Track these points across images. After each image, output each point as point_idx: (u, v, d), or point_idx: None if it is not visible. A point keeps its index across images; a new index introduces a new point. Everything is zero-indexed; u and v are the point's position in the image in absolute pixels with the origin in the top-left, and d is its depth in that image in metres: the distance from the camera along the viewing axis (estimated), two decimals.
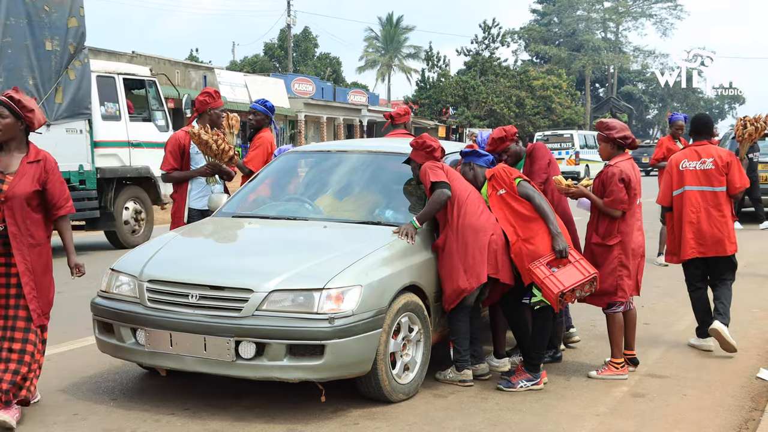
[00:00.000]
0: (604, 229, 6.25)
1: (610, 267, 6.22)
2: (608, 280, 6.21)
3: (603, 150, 6.42)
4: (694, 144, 7.18)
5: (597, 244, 6.27)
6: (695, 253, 7.03)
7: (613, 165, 6.24)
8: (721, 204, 6.97)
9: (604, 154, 6.43)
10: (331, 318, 5.08)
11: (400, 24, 73.83)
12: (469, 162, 6.30)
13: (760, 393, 5.88)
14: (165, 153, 7.50)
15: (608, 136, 6.32)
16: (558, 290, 5.73)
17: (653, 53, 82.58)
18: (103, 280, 5.83)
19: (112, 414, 5.40)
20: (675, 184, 7.09)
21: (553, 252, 5.85)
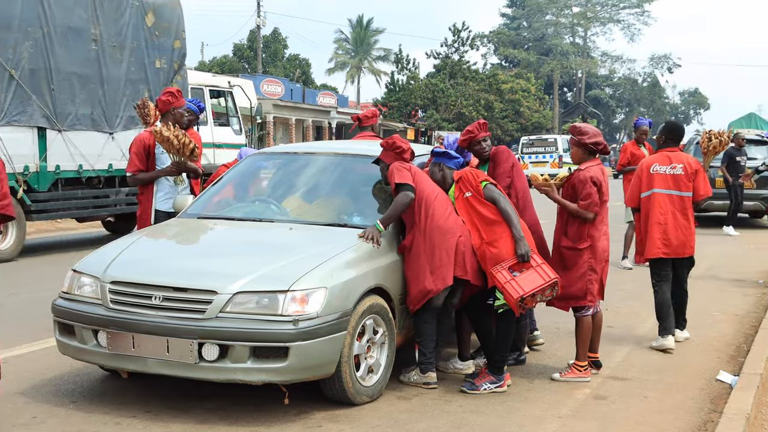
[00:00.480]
0: (574, 232, 6.30)
1: (580, 271, 6.27)
2: (578, 284, 6.27)
3: (575, 154, 6.46)
4: (666, 149, 7.39)
5: (568, 247, 6.31)
6: (660, 254, 7.28)
7: (584, 170, 6.31)
8: (686, 208, 7.25)
9: (575, 158, 6.47)
10: (295, 320, 5.07)
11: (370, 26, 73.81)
12: (439, 163, 6.31)
13: (720, 395, 5.96)
14: (130, 155, 7.45)
15: (581, 141, 6.35)
16: (518, 295, 5.76)
17: (621, 58, 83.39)
18: (65, 281, 5.77)
19: (72, 417, 5.34)
20: (644, 186, 7.33)
21: (516, 256, 5.88)
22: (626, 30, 79.65)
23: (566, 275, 6.24)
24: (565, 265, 6.29)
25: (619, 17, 78.96)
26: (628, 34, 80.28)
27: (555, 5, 76.51)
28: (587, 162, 6.39)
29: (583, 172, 6.30)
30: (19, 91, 11.46)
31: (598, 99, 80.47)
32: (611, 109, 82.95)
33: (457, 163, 6.31)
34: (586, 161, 6.40)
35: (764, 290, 10.11)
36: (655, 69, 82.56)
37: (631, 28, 79.14)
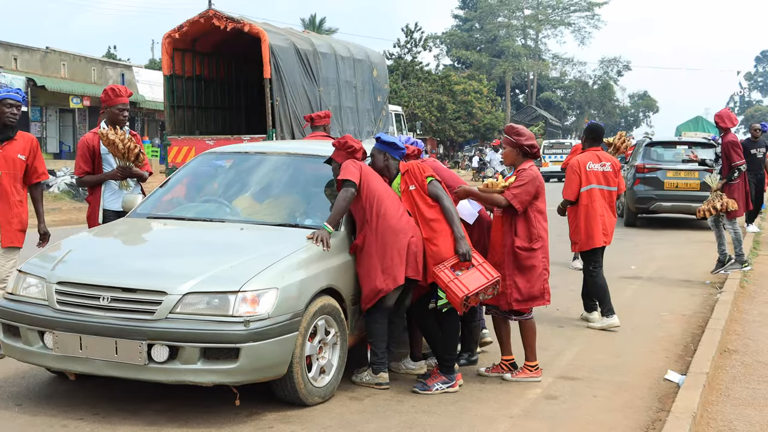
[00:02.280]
0: (526, 233, 6.25)
1: (537, 271, 6.27)
2: (537, 284, 6.28)
3: (508, 155, 6.39)
4: (592, 149, 8.30)
5: (523, 248, 6.21)
6: (602, 242, 8.16)
7: (528, 168, 6.30)
8: (613, 201, 8.27)
9: (508, 159, 6.41)
10: (246, 321, 5.03)
11: (323, 26, 73.59)
12: (384, 152, 6.29)
13: (668, 394, 6.04)
14: (76, 158, 7.33)
15: (517, 142, 6.30)
16: (462, 294, 5.79)
17: (571, 61, 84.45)
18: (10, 281, 5.65)
19: (16, 419, 5.23)
20: (583, 182, 8.14)
21: (457, 255, 5.91)
22: (577, 33, 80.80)
23: (524, 276, 6.23)
24: (521, 265, 6.23)
25: (569, 20, 80.00)
26: (578, 37, 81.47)
27: (507, 7, 77.23)
28: (524, 163, 6.34)
29: (530, 170, 6.28)
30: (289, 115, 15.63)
31: (549, 101, 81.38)
32: (562, 111, 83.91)
33: (401, 155, 6.30)
34: (521, 163, 6.35)
35: (711, 290, 10.28)
36: (606, 72, 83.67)
37: (581, 31, 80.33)
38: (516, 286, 6.22)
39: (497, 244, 6.33)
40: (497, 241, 6.33)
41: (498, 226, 6.34)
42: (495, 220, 6.40)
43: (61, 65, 35.21)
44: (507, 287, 6.19)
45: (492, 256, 6.29)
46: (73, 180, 22.93)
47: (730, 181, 10.85)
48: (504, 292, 6.18)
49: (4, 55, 32.15)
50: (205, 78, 16.30)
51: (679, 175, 17.47)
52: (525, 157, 6.34)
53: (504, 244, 6.27)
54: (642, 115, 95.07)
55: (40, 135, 33.91)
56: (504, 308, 6.28)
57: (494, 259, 6.25)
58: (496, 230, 6.38)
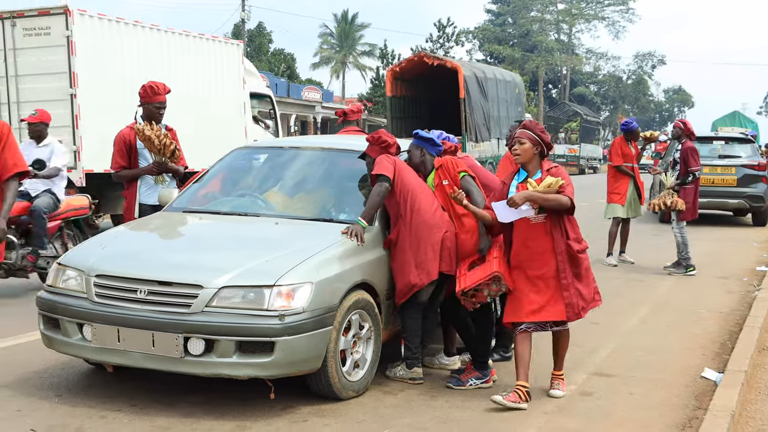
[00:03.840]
0: (575, 234, 5.74)
1: (590, 273, 5.86)
2: (592, 285, 5.85)
3: (528, 152, 5.69)
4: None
5: (580, 251, 5.71)
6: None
7: (558, 167, 5.80)
8: None
9: (526, 156, 5.70)
10: (281, 315, 5.05)
11: (355, 21, 73.71)
12: (421, 147, 6.30)
13: (705, 392, 5.98)
14: (113, 152, 7.41)
15: (542, 140, 5.72)
16: (459, 288, 5.79)
17: (605, 55, 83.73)
18: (50, 274, 5.73)
19: (56, 410, 5.30)
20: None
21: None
22: (611, 27, 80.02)
23: (582, 282, 5.73)
24: (579, 269, 5.71)
25: (603, 14, 79.26)
26: (612, 31, 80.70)
27: (540, 2, 76.72)
28: (543, 163, 5.78)
29: (561, 169, 5.79)
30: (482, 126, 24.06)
31: (582, 96, 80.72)
32: (596, 106, 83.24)
33: (437, 151, 6.32)
34: (538, 164, 5.75)
35: (749, 288, 10.17)
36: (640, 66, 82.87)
37: (615, 25, 79.51)
38: (579, 293, 5.67)
39: (548, 252, 5.62)
40: (546, 248, 5.62)
41: (541, 232, 5.62)
42: (533, 227, 5.63)
43: None
44: (570, 297, 5.61)
45: (540, 266, 5.63)
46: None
47: (685, 185, 11.10)
48: (570, 303, 5.61)
49: None
50: (411, 97, 24.51)
51: (715, 171, 17.29)
52: (541, 158, 5.75)
53: (558, 251, 5.61)
54: (677, 110, 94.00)
55: None
56: (572, 320, 5.71)
57: (544, 269, 5.62)
58: (538, 237, 5.63)
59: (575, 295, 5.64)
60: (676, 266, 11.22)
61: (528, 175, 5.71)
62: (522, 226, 5.65)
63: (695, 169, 11.12)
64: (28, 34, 14.15)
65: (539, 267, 5.62)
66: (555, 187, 5.49)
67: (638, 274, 11.10)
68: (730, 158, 17.61)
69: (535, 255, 5.63)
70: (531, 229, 5.63)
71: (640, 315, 8.57)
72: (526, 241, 5.65)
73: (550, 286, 5.62)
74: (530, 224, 5.61)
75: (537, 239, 5.63)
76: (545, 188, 5.49)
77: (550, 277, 5.62)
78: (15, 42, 14.09)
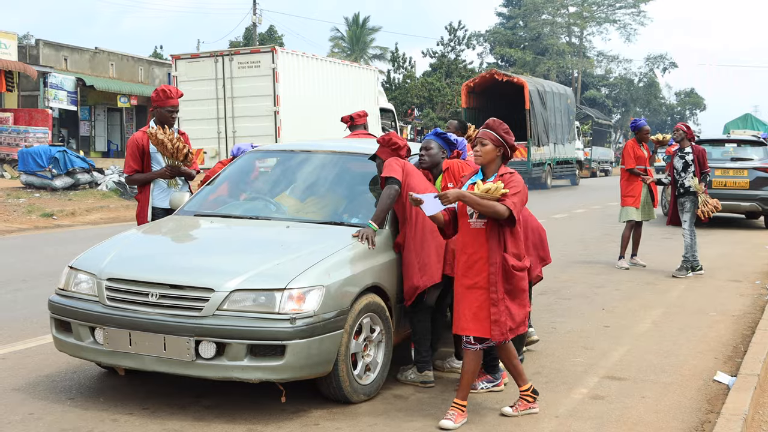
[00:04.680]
0: (516, 250, 5.29)
1: (526, 295, 5.39)
2: (525, 309, 5.39)
3: (489, 153, 5.28)
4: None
5: (517, 268, 5.25)
6: None
7: (515, 173, 5.36)
8: None
9: (487, 158, 5.29)
10: (292, 318, 5.06)
11: (366, 24, 73.73)
12: (441, 145, 6.31)
13: (717, 396, 5.96)
14: (126, 156, 7.45)
15: (506, 141, 5.31)
16: None
17: (617, 58, 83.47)
18: (62, 277, 5.75)
19: (68, 413, 5.32)
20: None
21: None
22: (622, 30, 79.73)
23: (515, 301, 5.26)
24: (515, 288, 5.24)
25: (615, 17, 79.03)
26: (624, 34, 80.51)
27: (551, 5, 76.52)
28: (502, 167, 5.36)
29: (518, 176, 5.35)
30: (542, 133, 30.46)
31: (594, 99, 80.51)
32: (607, 108, 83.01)
33: (450, 148, 6.33)
34: (500, 166, 5.35)
35: (761, 291, 10.12)
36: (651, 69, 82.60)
37: (627, 28, 79.23)
38: (509, 312, 5.19)
39: (482, 260, 5.19)
40: (482, 256, 5.19)
41: (480, 239, 5.21)
42: (473, 232, 5.23)
43: (109, 65, 35.74)
44: (500, 314, 5.15)
45: (473, 275, 5.21)
46: (120, 178, 23.26)
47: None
48: (498, 320, 5.14)
49: (54, 55, 32.72)
50: (481, 108, 30.93)
51: (727, 174, 17.22)
52: (503, 160, 5.36)
53: (492, 262, 5.18)
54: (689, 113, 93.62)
55: (89, 134, 34.47)
56: (497, 339, 5.20)
57: (476, 278, 5.20)
58: (475, 243, 5.22)
59: (504, 313, 5.16)
60: (680, 269, 11.16)
61: (485, 177, 5.35)
62: (463, 230, 5.30)
63: (708, 171, 11.15)
64: (242, 66, 20.15)
65: (473, 276, 5.21)
66: (495, 194, 5.06)
67: (650, 277, 11.05)
68: (743, 161, 17.53)
69: (470, 262, 5.23)
70: (470, 234, 5.25)
71: (652, 318, 8.53)
72: (465, 246, 5.28)
73: (479, 298, 5.19)
74: (470, 228, 5.24)
75: (474, 245, 5.21)
76: (483, 193, 5.08)
77: (481, 289, 5.18)
78: (232, 72, 20.21)
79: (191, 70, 21.06)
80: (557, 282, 10.27)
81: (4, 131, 26.92)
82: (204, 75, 20.75)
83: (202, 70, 20.90)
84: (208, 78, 20.65)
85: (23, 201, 20.31)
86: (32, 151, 22.53)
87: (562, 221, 19.22)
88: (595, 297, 9.63)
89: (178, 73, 21.26)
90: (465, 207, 5.24)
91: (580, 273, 11.27)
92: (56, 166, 22.27)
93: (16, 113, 28.33)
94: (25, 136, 26.46)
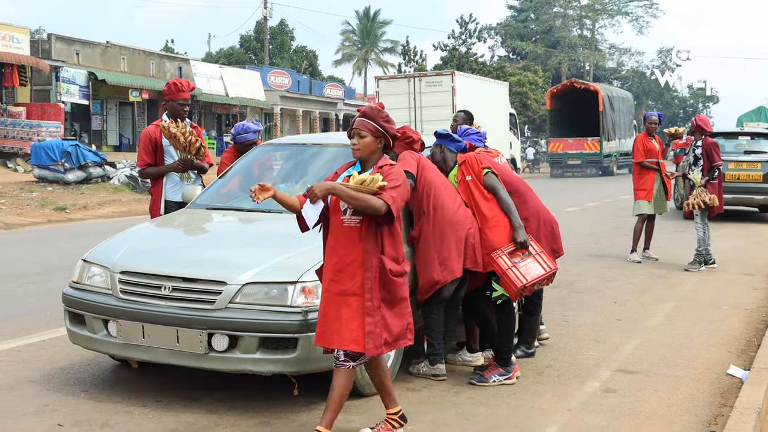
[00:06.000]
0: (394, 252, 4.67)
1: (406, 303, 4.76)
2: (405, 319, 4.74)
3: (369, 145, 4.68)
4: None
5: (396, 273, 4.62)
6: None
7: (396, 165, 4.77)
8: None
9: (367, 150, 4.69)
10: (304, 311, 5.07)
11: (377, 18, 73.70)
12: (440, 144, 6.31)
13: (730, 389, 5.94)
14: (138, 150, 7.47)
15: (386, 131, 4.71)
16: (520, 284, 5.77)
17: (629, 51, 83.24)
18: (75, 270, 5.77)
19: (82, 405, 5.35)
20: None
21: (514, 243, 5.89)
22: (634, 22, 79.51)
23: (393, 311, 4.63)
24: (393, 296, 4.60)
25: (627, 9, 78.74)
26: (636, 26, 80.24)
27: None
28: (382, 159, 4.75)
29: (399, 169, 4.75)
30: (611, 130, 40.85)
31: None
32: None
33: (458, 147, 6.31)
34: (379, 158, 4.74)
35: None
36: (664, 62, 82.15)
37: (639, 20, 78.97)
38: (386, 323, 4.54)
39: (356, 263, 4.53)
40: (355, 258, 4.54)
41: (353, 238, 4.55)
42: (345, 231, 4.58)
43: (120, 59, 35.82)
44: (374, 325, 4.50)
45: (345, 280, 4.55)
46: (132, 172, 23.35)
47: (711, 180, 11.03)
48: (372, 332, 4.49)
49: (66, 49, 32.81)
50: (560, 110, 40.11)
51: (740, 167, 17.13)
52: (383, 152, 4.77)
53: (368, 266, 4.52)
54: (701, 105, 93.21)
55: (101, 128, 34.58)
56: (371, 353, 4.54)
57: (348, 284, 4.54)
58: (348, 243, 4.56)
59: (380, 324, 4.52)
60: (693, 263, 11.13)
61: (363, 172, 4.69)
62: (334, 227, 4.63)
63: (719, 164, 11.06)
64: (428, 84, 28.39)
65: (344, 281, 4.55)
66: (372, 186, 4.44)
67: (662, 271, 11.02)
68: (756, 154, 17.43)
69: (341, 265, 4.56)
70: (343, 233, 4.58)
71: (665, 311, 8.51)
72: (335, 247, 4.61)
73: (351, 306, 4.54)
74: (343, 226, 4.58)
75: (346, 246, 4.55)
76: (357, 184, 4.46)
77: (353, 296, 4.53)
78: (421, 89, 28.35)
79: (390, 87, 29.15)
80: (569, 275, 10.26)
81: (17, 125, 27.04)
82: (399, 91, 28.64)
83: (398, 87, 28.96)
84: (402, 93, 28.51)
85: (36, 195, 20.40)
86: (45, 145, 22.65)
87: (574, 214, 19.17)
88: (607, 290, 9.61)
89: (380, 89, 29.25)
90: (338, 202, 4.57)
91: (592, 266, 11.25)
92: (69, 160, 22.38)
93: (28, 107, 28.46)
94: (38, 130, 26.57)
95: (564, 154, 40.69)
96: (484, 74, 52.41)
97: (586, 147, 39.69)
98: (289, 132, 45.41)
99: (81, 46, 33.94)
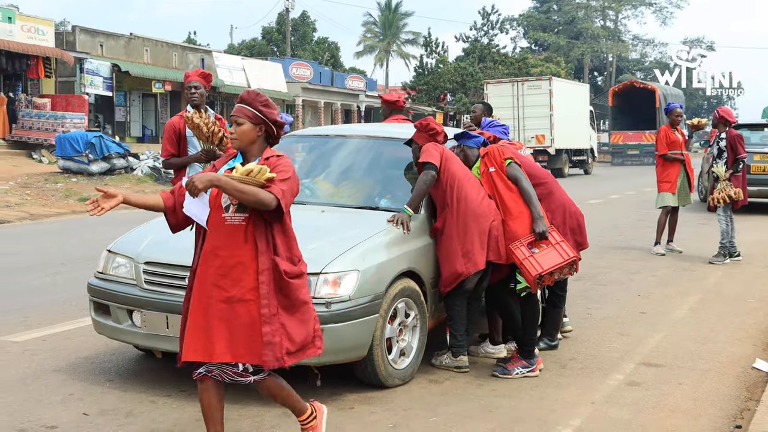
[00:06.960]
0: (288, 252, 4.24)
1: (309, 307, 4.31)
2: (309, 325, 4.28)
3: (248, 134, 4.15)
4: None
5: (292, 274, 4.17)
6: None
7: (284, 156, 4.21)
8: None
9: (246, 139, 4.15)
10: (327, 303, 5.07)
11: (398, 9, 73.55)
12: (460, 144, 6.32)
13: (756, 383, 5.89)
14: (162, 140, 7.50)
15: (267, 116, 4.15)
16: (536, 272, 5.77)
17: (652, 42, 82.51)
18: (100, 261, 5.81)
19: (107, 395, 5.40)
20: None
21: (533, 233, 5.87)
22: (658, 13, 78.80)
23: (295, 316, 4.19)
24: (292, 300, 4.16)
25: (651, 0, 78.04)
26: (660, 17, 79.49)
27: None
28: (267, 150, 4.24)
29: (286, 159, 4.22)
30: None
31: None
32: None
33: (477, 142, 6.30)
34: (264, 148, 4.23)
35: None
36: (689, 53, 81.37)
37: (663, 11, 78.25)
38: (286, 332, 4.09)
39: (243, 265, 4.05)
40: (242, 260, 4.05)
41: (238, 238, 4.06)
42: (229, 229, 4.07)
43: (144, 51, 35.96)
44: (273, 334, 4.03)
45: (231, 285, 4.05)
46: (156, 163, 23.46)
47: (736, 173, 10.95)
48: (271, 342, 4.02)
49: (90, 41, 32.98)
50: (620, 106, 44.52)
51: (766, 159, 16.94)
52: (267, 141, 4.25)
53: (261, 269, 4.04)
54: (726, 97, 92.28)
55: (124, 119, 34.78)
56: (271, 366, 4.08)
57: (234, 289, 4.04)
58: (233, 244, 4.06)
59: (280, 333, 4.06)
60: (717, 256, 11.04)
61: (245, 163, 4.19)
62: (214, 226, 4.10)
63: (744, 156, 10.96)
64: (530, 87, 32.98)
65: (229, 287, 4.05)
66: (259, 178, 3.97)
67: (687, 263, 10.94)
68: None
69: (225, 268, 4.05)
70: (225, 233, 4.07)
71: (689, 304, 8.45)
72: (217, 248, 4.07)
73: (241, 314, 4.04)
74: (225, 225, 4.07)
75: (230, 246, 4.06)
76: (243, 176, 3.96)
77: (242, 302, 4.04)
78: (524, 92, 32.84)
79: (496, 90, 33.76)
80: (593, 268, 10.20)
81: (42, 117, 27.23)
82: (505, 93, 33.17)
83: (504, 90, 33.53)
84: (507, 95, 33.08)
85: (61, 186, 20.56)
86: (69, 137, 22.81)
87: (597, 206, 19.07)
88: (631, 283, 9.56)
89: (488, 91, 34.13)
90: (219, 197, 4.08)
91: (615, 259, 11.18)
92: (92, 151, 22.52)
93: (53, 99, 28.65)
94: (62, 121, 26.75)
95: (624, 145, 45.61)
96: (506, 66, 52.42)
97: (644, 139, 43.93)
98: (311, 124, 45.45)
99: (105, 38, 34.10)
